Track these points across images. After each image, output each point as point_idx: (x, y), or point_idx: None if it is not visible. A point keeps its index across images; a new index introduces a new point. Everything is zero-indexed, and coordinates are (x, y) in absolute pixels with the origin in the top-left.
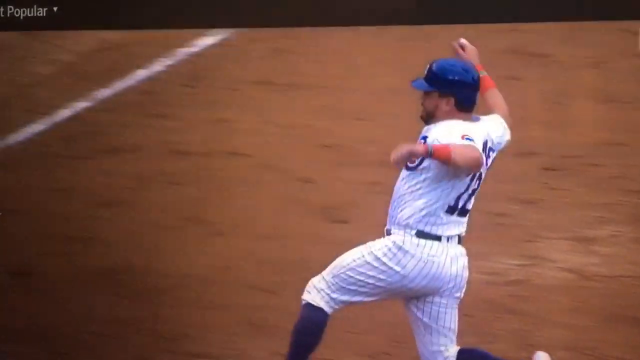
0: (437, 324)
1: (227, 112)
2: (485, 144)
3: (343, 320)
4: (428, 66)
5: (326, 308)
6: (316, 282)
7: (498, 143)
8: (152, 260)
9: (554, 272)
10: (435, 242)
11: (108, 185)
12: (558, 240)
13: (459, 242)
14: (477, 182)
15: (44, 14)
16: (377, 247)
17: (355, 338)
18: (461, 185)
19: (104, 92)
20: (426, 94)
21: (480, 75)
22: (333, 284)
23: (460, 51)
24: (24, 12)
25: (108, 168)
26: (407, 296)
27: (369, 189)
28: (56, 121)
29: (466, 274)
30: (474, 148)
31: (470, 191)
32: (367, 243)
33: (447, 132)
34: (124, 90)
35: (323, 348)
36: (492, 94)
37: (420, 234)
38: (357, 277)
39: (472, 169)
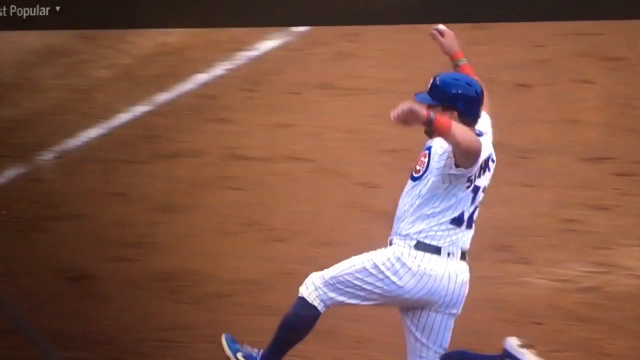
0: (427, 340)
1: (288, 117)
2: (485, 160)
3: None
4: (432, 80)
5: (319, 307)
6: (315, 278)
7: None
8: (211, 266)
9: (627, 279)
10: (434, 256)
11: (166, 191)
12: (631, 247)
13: (463, 257)
14: (482, 194)
15: (47, 13)
16: (378, 256)
17: None
18: (464, 196)
19: (163, 96)
20: (429, 107)
21: (461, 64)
22: (331, 284)
23: (439, 38)
24: (26, 11)
25: (166, 173)
26: (403, 305)
27: None
28: (114, 125)
29: (465, 290)
30: (476, 136)
31: (476, 203)
32: (371, 252)
33: None
34: (183, 94)
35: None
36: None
37: (419, 246)
38: (355, 281)
39: (469, 151)
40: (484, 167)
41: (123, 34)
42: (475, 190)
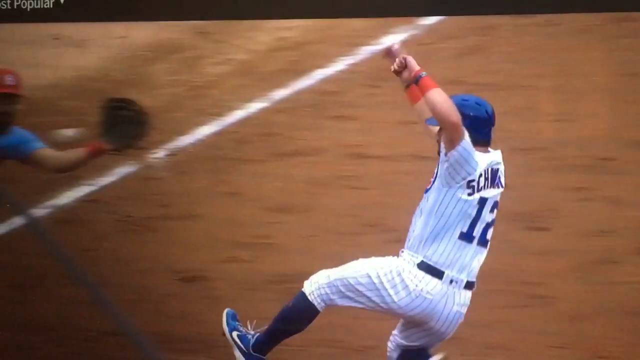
0: (405, 340)
1: (414, 114)
2: (492, 172)
3: None
4: None
5: (318, 306)
6: (321, 276)
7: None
8: (328, 267)
9: None
10: (435, 280)
11: (283, 190)
12: None
13: (468, 287)
14: (493, 210)
15: (51, 6)
16: (383, 265)
17: None
18: (470, 208)
19: (281, 93)
20: (440, 129)
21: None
22: (334, 286)
23: (391, 58)
24: (30, 3)
25: (283, 172)
26: (398, 317)
27: (571, 195)
28: (229, 123)
29: (459, 320)
30: (454, 107)
31: (487, 220)
32: (380, 258)
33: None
34: (301, 90)
35: None
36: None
37: (422, 266)
38: (357, 287)
39: (444, 116)
40: (490, 178)
41: (239, 28)
42: (482, 202)
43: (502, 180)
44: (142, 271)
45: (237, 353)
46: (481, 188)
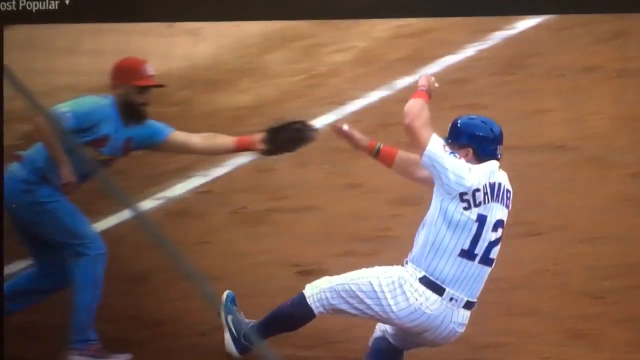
0: (395, 341)
1: (549, 102)
2: (493, 188)
3: None
4: (452, 122)
5: (316, 310)
6: (323, 281)
7: (507, 191)
8: None
9: None
10: (435, 296)
11: (406, 182)
12: None
13: (468, 306)
14: (495, 229)
15: (56, 7)
16: (386, 275)
17: None
18: (467, 224)
19: (403, 81)
20: (451, 148)
21: (381, 147)
22: (336, 291)
23: (346, 137)
24: (36, 5)
25: None
26: (393, 326)
27: None
28: (349, 112)
29: (454, 337)
30: (416, 117)
31: (490, 238)
32: (384, 267)
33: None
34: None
35: None
36: (403, 158)
37: (424, 281)
38: (359, 293)
39: (410, 119)
40: (490, 194)
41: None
42: (482, 219)
43: (507, 199)
44: (256, 265)
45: (227, 336)
46: (479, 203)
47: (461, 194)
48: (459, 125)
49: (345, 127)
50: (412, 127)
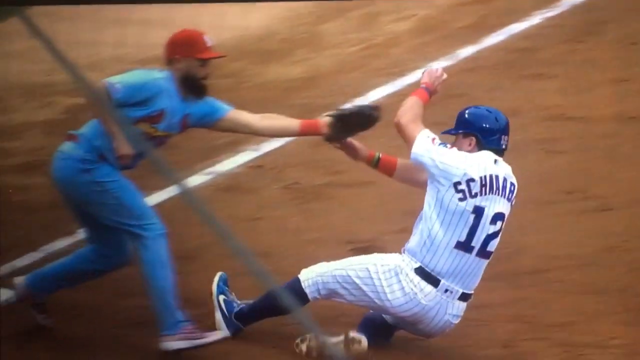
0: (392, 322)
1: (625, 71)
2: (492, 180)
3: None
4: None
5: (310, 295)
6: (321, 267)
7: (512, 184)
8: (523, 238)
9: None
10: (430, 287)
11: None
12: None
13: (463, 298)
14: (494, 221)
15: None
16: (384, 262)
17: None
18: (463, 215)
19: (469, 50)
20: (456, 138)
21: (381, 157)
22: (332, 276)
23: (345, 149)
24: None
25: None
26: (387, 314)
27: None
28: (409, 83)
29: (448, 329)
30: (408, 117)
31: (488, 230)
32: (382, 255)
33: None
34: (493, 47)
35: None
36: (402, 165)
37: (419, 272)
38: (355, 279)
39: (398, 117)
40: (489, 186)
41: None
42: (479, 211)
43: (510, 193)
44: (309, 241)
45: (218, 315)
46: (475, 194)
47: (455, 185)
48: (463, 114)
49: (356, 144)
50: (399, 125)
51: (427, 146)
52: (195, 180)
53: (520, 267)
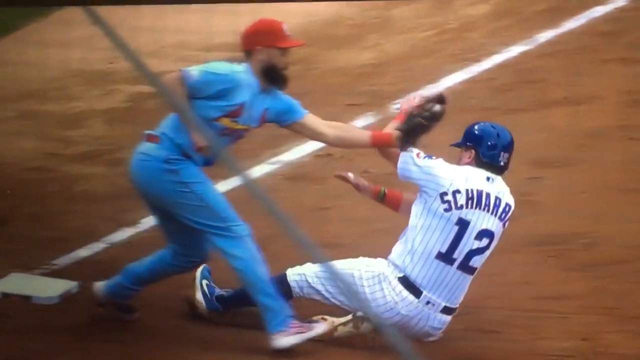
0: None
1: None
2: (480, 196)
3: None
4: None
5: (294, 291)
6: (307, 268)
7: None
8: (606, 228)
9: None
10: (412, 297)
11: (550, 142)
12: None
13: (447, 312)
14: (479, 237)
15: None
16: (368, 269)
17: None
18: (446, 226)
19: (549, 34)
20: (460, 151)
21: (386, 192)
22: (317, 277)
23: (351, 183)
24: None
25: (551, 122)
26: None
27: None
28: (487, 69)
29: (427, 338)
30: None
31: (472, 245)
32: (368, 260)
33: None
34: (572, 30)
35: None
36: (408, 200)
37: (404, 281)
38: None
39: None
40: (477, 200)
41: None
42: (463, 224)
43: (504, 213)
44: (378, 231)
45: (199, 296)
46: (460, 206)
47: (442, 195)
48: (469, 128)
49: (350, 175)
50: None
51: (412, 160)
52: (261, 169)
53: (600, 258)
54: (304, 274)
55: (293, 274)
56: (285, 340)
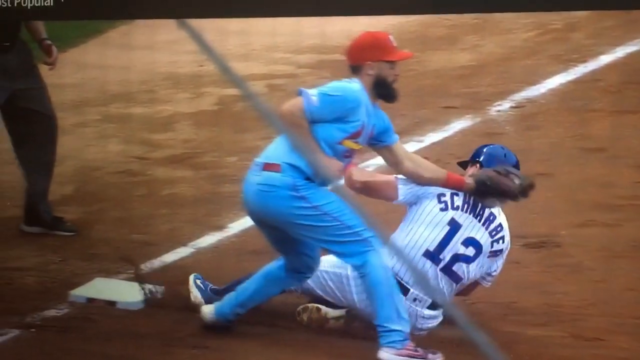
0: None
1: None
2: (477, 204)
3: None
4: None
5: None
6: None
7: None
8: None
9: None
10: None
11: None
12: None
13: (433, 307)
14: (470, 246)
15: (52, 4)
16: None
17: None
18: (437, 223)
19: None
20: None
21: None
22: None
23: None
24: (30, 1)
25: None
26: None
27: None
28: (592, 70)
29: (419, 334)
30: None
31: (459, 250)
32: None
33: None
34: None
35: None
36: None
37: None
38: (329, 282)
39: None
40: (472, 207)
41: None
42: (454, 226)
43: (494, 231)
44: None
45: (195, 291)
46: (457, 207)
47: (439, 196)
48: (477, 147)
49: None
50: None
51: (404, 189)
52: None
53: None
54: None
55: None
56: (394, 358)
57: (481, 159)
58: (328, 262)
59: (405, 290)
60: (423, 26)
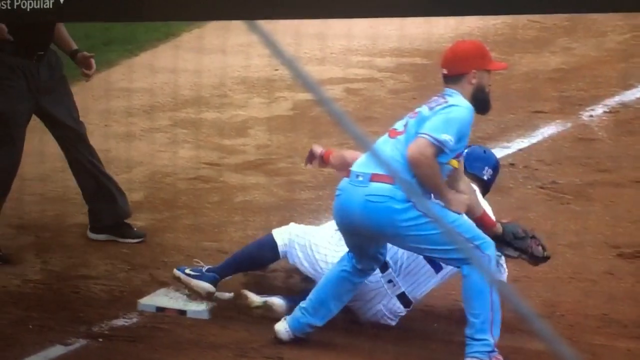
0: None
1: None
2: None
3: None
4: None
5: (281, 251)
6: (294, 228)
7: None
8: None
9: None
10: (377, 270)
11: None
12: None
13: (402, 299)
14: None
15: (51, 6)
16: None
17: None
18: None
19: None
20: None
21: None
22: (297, 239)
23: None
24: (30, 4)
25: None
26: None
27: None
28: None
29: (379, 322)
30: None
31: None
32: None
33: None
34: None
35: None
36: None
37: None
38: (313, 247)
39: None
40: None
41: None
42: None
43: None
44: (565, 246)
45: (194, 281)
46: None
47: None
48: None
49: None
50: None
51: None
52: None
53: None
54: (290, 236)
55: (280, 236)
56: None
57: (462, 154)
58: (296, 230)
59: (384, 268)
60: (511, 28)
